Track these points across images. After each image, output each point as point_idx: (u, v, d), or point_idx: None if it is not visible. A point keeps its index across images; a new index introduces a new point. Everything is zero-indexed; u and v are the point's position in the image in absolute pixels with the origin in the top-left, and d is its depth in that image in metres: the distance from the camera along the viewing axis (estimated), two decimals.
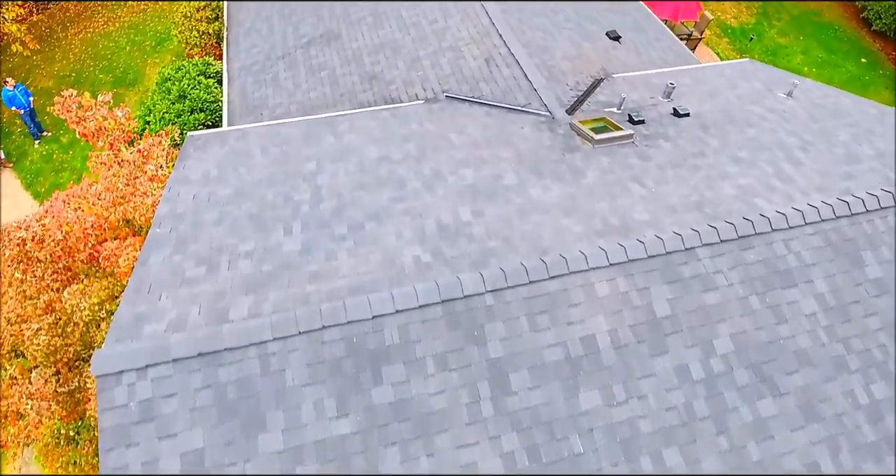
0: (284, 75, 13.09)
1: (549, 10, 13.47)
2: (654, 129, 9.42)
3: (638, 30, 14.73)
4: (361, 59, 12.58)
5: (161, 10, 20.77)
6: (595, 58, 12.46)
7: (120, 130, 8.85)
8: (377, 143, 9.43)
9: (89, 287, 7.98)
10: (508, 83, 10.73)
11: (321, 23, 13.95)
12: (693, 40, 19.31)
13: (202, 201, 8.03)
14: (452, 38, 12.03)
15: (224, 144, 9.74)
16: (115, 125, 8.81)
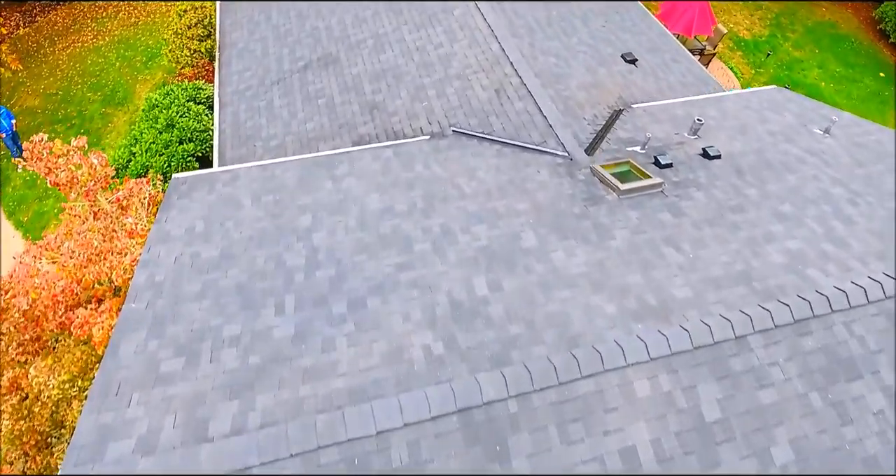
0: (279, 102, 12.13)
1: (562, 32, 12.51)
2: (683, 175, 8.48)
3: (654, 50, 13.78)
4: (362, 86, 11.62)
5: (153, 24, 19.77)
6: (612, 85, 11.51)
7: (95, 179, 7.89)
8: (380, 190, 8.49)
9: (59, 361, 7.04)
10: (521, 118, 9.79)
11: (319, 45, 12.98)
12: (706, 56, 18.36)
13: (184, 266, 7.09)
14: (459, 66, 11.07)
15: (211, 190, 8.80)
16: (89, 175, 7.85)
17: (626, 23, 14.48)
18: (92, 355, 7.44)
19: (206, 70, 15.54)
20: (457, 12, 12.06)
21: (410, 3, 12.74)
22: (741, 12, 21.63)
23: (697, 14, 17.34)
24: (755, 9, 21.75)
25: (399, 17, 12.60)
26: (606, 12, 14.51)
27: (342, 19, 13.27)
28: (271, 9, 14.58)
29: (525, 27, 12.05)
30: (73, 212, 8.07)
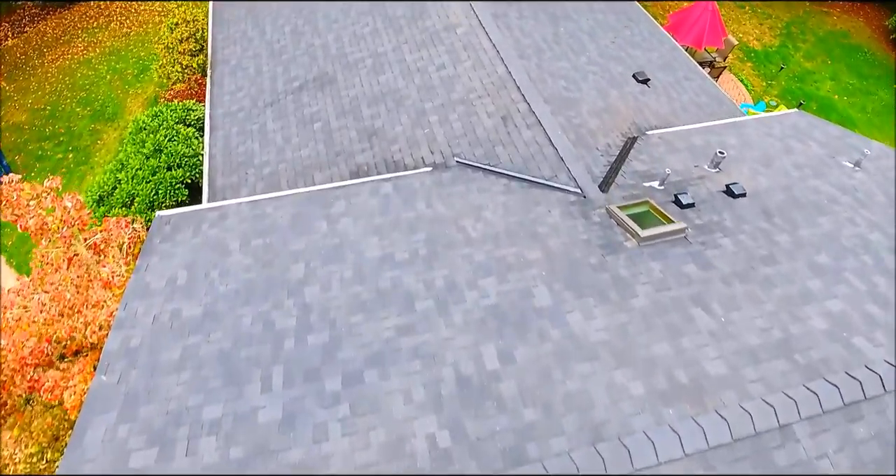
0: (273, 126, 11.41)
1: (570, 51, 11.78)
2: (707, 216, 7.78)
3: (665, 67, 13.05)
4: (359, 110, 10.90)
5: (145, 35, 19.03)
6: (625, 109, 10.79)
7: (68, 224, 7.18)
8: (378, 233, 7.79)
9: (27, 429, 6.34)
10: (530, 149, 9.08)
11: (314, 64, 12.25)
12: (717, 69, 17.62)
13: (163, 327, 6.39)
14: (463, 90, 10.35)
15: (197, 231, 8.10)
16: (62, 220, 7.14)
17: (635, 37, 13.76)
18: (64, 420, 6.75)
19: (198, 85, 14.81)
20: (460, 31, 11.34)
21: (411, 20, 12.02)
22: (750, 21, 20.89)
23: (708, 26, 16.61)
24: (765, 17, 21.02)
25: (399, 35, 11.87)
26: (615, 26, 13.79)
27: (339, 37, 12.54)
28: (265, 24, 13.85)
29: (532, 46, 11.32)
30: (45, 259, 7.36)
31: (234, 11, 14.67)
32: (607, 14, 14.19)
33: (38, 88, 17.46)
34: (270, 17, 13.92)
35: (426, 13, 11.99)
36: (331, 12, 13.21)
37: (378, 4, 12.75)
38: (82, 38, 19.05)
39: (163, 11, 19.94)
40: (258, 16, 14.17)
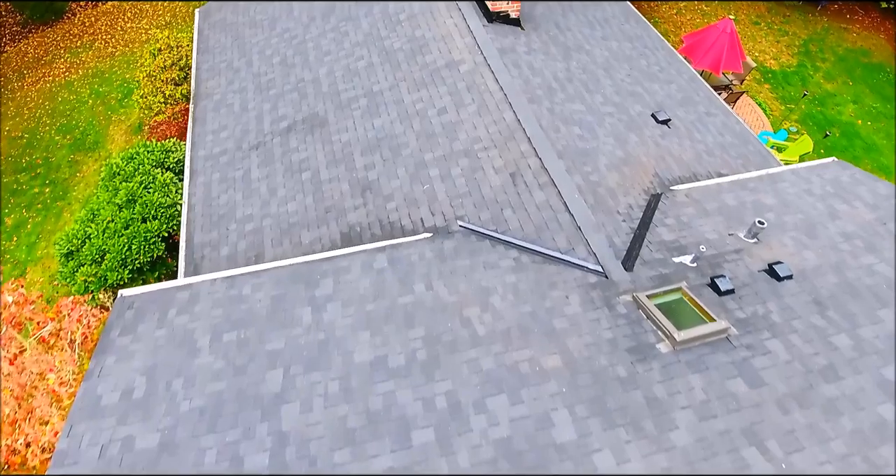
0: (258, 174, 10.26)
1: (584, 88, 10.60)
2: (750, 307, 6.64)
3: (685, 102, 11.88)
4: (352, 158, 9.74)
5: (130, 55, 17.83)
6: (645, 157, 9.63)
7: (9, 322, 6.06)
8: (370, 327, 6.66)
9: None
10: (543, 214, 7.93)
11: (304, 101, 11.08)
12: (734, 94, 16.42)
13: (111, 464, 5.26)
14: (467, 138, 9.19)
15: (163, 320, 6.97)
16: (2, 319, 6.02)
17: (651, 67, 12.58)
18: None
19: (182, 115, 13.65)
20: (463, 68, 10.17)
21: (410, 55, 10.84)
22: (766, 38, 19.67)
23: (726, 49, 15.41)
24: (781, 34, 19.81)
25: (397, 71, 10.70)
26: (631, 56, 12.61)
27: (332, 71, 11.37)
28: (253, 54, 12.67)
29: (543, 86, 10.14)
30: None
31: (221, 38, 13.49)
32: (622, 42, 13.01)
33: (16, 114, 16.29)
34: (258, 47, 12.74)
35: (426, 47, 10.82)
36: (322, 43, 12.03)
37: (374, 36, 11.57)
38: (65, 59, 17.86)
39: (151, 29, 18.75)
40: (245, 44, 12.99)
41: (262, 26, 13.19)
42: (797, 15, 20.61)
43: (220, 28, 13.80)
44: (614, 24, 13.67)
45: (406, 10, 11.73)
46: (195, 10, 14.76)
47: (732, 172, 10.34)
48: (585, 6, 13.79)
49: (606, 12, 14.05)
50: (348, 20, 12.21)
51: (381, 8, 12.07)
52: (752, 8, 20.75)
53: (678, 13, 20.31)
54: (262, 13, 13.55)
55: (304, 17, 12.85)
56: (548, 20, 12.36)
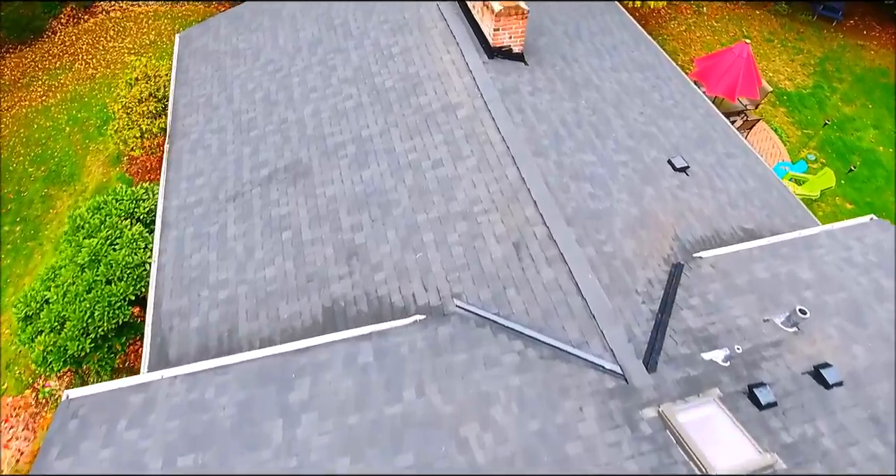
0: (234, 230, 9.17)
1: (594, 133, 9.50)
2: (797, 428, 5.57)
3: (703, 142, 10.79)
4: (338, 217, 8.65)
5: (112, 77, 16.72)
6: (664, 216, 8.55)
7: None
8: (349, 450, 5.60)
9: None
10: (551, 295, 6.85)
11: (287, 146, 9.98)
12: (749, 122, 15.31)
13: None
14: (465, 198, 8.11)
15: (111, 435, 5.91)
16: None
17: (665, 101, 11.46)
18: None
19: (161, 148, 12.55)
20: (461, 113, 9.07)
21: (403, 95, 9.74)
22: (780, 57, 18.53)
23: (742, 74, 14.29)
24: (796, 53, 18.66)
25: (388, 114, 9.60)
26: (642, 89, 11.49)
27: (318, 110, 10.26)
28: (234, 88, 11.55)
29: (549, 134, 9.04)
30: None
31: (201, 69, 12.38)
32: (632, 73, 11.89)
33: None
34: (240, 80, 11.63)
35: (421, 87, 9.71)
36: (308, 78, 10.92)
37: (364, 71, 10.46)
38: (42, 81, 16.75)
39: (134, 48, 17.64)
40: (226, 77, 11.87)
41: (245, 56, 12.08)
42: (811, 31, 19.46)
43: (200, 57, 12.68)
44: (623, 52, 12.55)
45: (399, 44, 10.62)
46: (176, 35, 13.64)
47: (758, 226, 9.27)
48: (593, 33, 12.67)
49: (615, 38, 12.93)
50: (337, 52, 11.10)
51: (372, 40, 10.97)
52: (765, 24, 19.60)
53: (687, 30, 19.17)
54: (245, 41, 12.44)
55: (289, 48, 11.74)
56: (553, 51, 11.24)
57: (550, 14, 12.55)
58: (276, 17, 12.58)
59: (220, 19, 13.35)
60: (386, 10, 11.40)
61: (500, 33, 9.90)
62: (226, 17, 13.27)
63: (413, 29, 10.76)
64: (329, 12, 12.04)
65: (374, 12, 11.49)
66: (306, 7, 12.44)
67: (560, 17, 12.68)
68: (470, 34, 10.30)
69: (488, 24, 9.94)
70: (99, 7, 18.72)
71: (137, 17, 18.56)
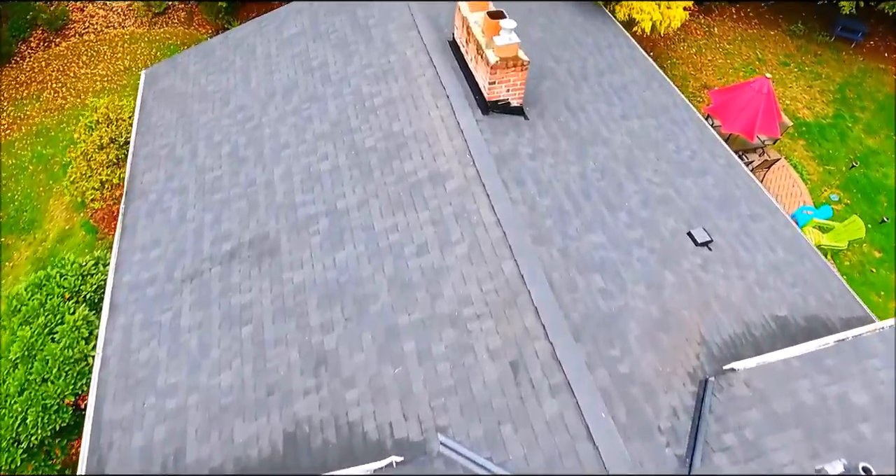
0: (189, 320, 7.82)
1: (604, 204, 8.13)
2: None
3: (725, 202, 9.43)
4: (306, 310, 7.30)
5: (82, 108, 15.30)
6: (687, 312, 7.20)
7: None
8: None
9: None
10: (556, 438, 5.52)
11: (253, 215, 8.61)
12: (767, 162, 13.89)
13: None
14: (454, 296, 6.75)
15: None
16: None
17: (682, 153, 10.09)
18: None
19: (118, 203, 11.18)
20: (450, 185, 7.70)
21: (385, 158, 8.36)
22: (797, 83, 17.09)
23: (762, 111, 12.87)
24: (814, 78, 17.21)
25: (368, 181, 8.23)
26: (656, 140, 10.10)
27: (289, 171, 8.89)
28: (199, 138, 10.17)
29: (553, 211, 7.67)
30: None
31: (166, 114, 10.99)
32: (644, 119, 10.50)
33: None
34: (207, 129, 10.24)
35: (405, 149, 8.33)
36: (281, 130, 9.53)
37: (343, 125, 9.08)
38: (7, 113, 15.36)
39: (107, 75, 16.25)
40: (192, 124, 10.49)
41: (214, 101, 10.68)
42: (830, 54, 18.00)
43: (165, 99, 11.29)
44: (634, 93, 11.15)
45: (383, 94, 9.23)
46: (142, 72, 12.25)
47: (791, 309, 7.95)
48: (600, 72, 11.27)
49: (625, 76, 11.52)
50: (313, 101, 9.71)
51: (353, 87, 9.57)
52: (780, 46, 18.14)
53: (698, 52, 17.71)
54: (215, 83, 11.04)
55: (262, 93, 10.34)
56: (557, 97, 9.84)
57: (553, 50, 11.15)
58: (250, 55, 11.18)
59: (190, 55, 11.96)
60: (369, 52, 10.00)
61: (496, 87, 8.51)
62: (196, 54, 11.87)
63: (399, 76, 9.37)
64: (307, 52, 10.64)
65: (356, 54, 10.09)
66: (283, 44, 11.04)
67: (564, 53, 11.27)
68: (462, 85, 8.91)
69: (483, 75, 8.55)
70: (72, 30, 17.31)
71: (112, 40, 17.16)
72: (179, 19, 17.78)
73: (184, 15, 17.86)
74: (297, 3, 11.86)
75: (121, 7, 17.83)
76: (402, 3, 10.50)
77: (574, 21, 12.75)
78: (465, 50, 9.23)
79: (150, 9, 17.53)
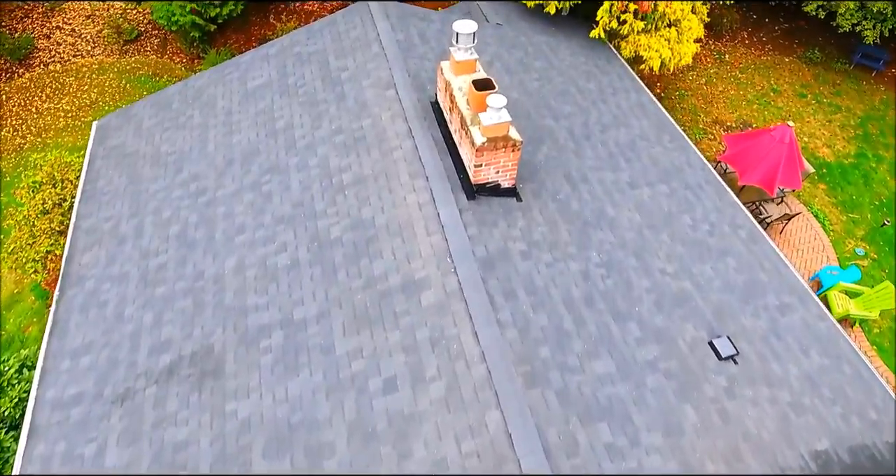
0: (115, 458, 6.42)
1: (612, 313, 6.70)
2: None
3: (751, 290, 8.05)
4: (249, 460, 5.90)
5: (43, 147, 13.91)
6: (712, 463, 5.76)
7: None
8: None
9: None
10: None
11: (198, 320, 7.18)
12: (788, 215, 12.42)
13: None
14: (427, 456, 5.34)
15: None
16: None
17: (699, 228, 8.70)
18: None
19: None
20: (427, 299, 6.27)
21: (352, 256, 6.92)
22: (815, 116, 15.57)
23: (784, 162, 11.43)
24: (833, 111, 15.70)
25: (331, 283, 6.80)
26: (670, 213, 8.66)
27: (242, 264, 7.46)
28: (147, 211, 8.74)
29: (550, 332, 6.23)
30: None
31: (114, 178, 9.56)
32: (655, 186, 9.11)
33: None
34: (156, 201, 8.80)
35: (376, 243, 6.89)
36: (236, 209, 8.10)
37: (305, 208, 7.66)
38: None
39: (71, 111, 14.79)
40: (141, 194, 9.05)
41: (167, 166, 9.23)
42: (849, 84, 16.46)
43: (115, 159, 9.84)
44: (643, 151, 9.70)
45: (353, 169, 7.78)
46: (94, 123, 10.79)
47: (834, 441, 6.53)
48: (605, 127, 9.82)
49: (633, 130, 10.07)
50: (275, 172, 8.27)
51: (320, 158, 8.13)
52: (796, 75, 16.61)
53: (708, 83, 16.19)
54: (169, 142, 9.59)
55: (219, 159, 8.90)
56: (556, 167, 8.40)
57: (552, 102, 9.69)
58: (210, 110, 9.72)
59: (146, 106, 10.50)
60: (340, 114, 8.54)
61: (483, 169, 7.05)
62: (152, 104, 10.41)
63: (372, 147, 7.92)
64: (272, 109, 9.18)
65: (325, 116, 8.63)
66: (247, 98, 9.58)
67: (564, 107, 9.81)
68: (445, 161, 7.47)
69: (468, 154, 7.09)
70: (37, 59, 15.84)
71: (80, 70, 15.69)
72: (152, 47, 16.30)
73: (157, 42, 16.37)
74: (266, 47, 10.39)
75: (90, 34, 16.35)
76: (379, 54, 9.04)
77: (575, 63, 11.27)
78: (448, 118, 7.78)
79: (121, 36, 16.04)
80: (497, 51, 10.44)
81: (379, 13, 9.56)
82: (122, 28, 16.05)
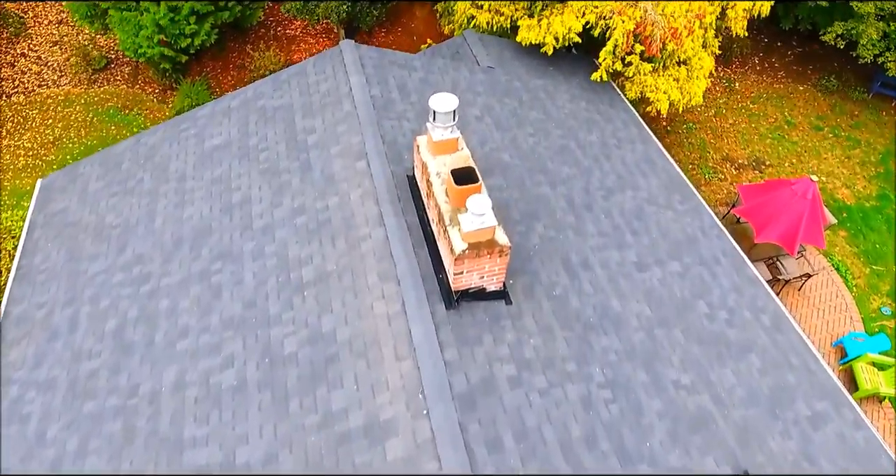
0: None
1: (620, 451, 5.45)
2: None
3: (778, 398, 6.91)
4: None
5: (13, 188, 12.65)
6: None
7: None
8: None
9: None
10: None
11: (126, 454, 5.96)
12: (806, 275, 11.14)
13: None
14: None
15: None
16: None
17: (717, 317, 7.58)
18: None
19: None
20: (393, 451, 5.04)
21: (306, 374, 5.67)
22: (832, 152, 14.27)
23: (806, 219, 10.16)
24: (851, 146, 14.39)
25: (281, 418, 5.57)
26: (684, 301, 7.42)
27: (181, 380, 6.23)
28: (83, 299, 7.50)
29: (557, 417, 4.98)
30: None
31: (52, 254, 8.31)
32: (666, 265, 7.93)
33: None
34: (94, 287, 7.56)
35: (335, 366, 5.66)
36: (180, 304, 6.86)
37: (259, 312, 6.42)
38: None
39: (32, 149, 13.52)
40: (79, 277, 7.80)
41: (110, 242, 7.98)
42: (868, 115, 15.13)
43: (56, 229, 8.59)
44: (651, 218, 8.45)
45: (314, 262, 6.52)
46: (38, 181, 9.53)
47: None
48: (609, 191, 8.54)
49: (640, 192, 8.81)
50: (226, 259, 7.01)
51: (277, 244, 6.87)
52: (811, 105, 15.28)
53: (717, 114, 14.87)
54: (115, 210, 8.34)
55: (167, 236, 7.64)
56: (552, 252, 7.13)
57: (549, 163, 8.44)
58: (162, 173, 8.46)
59: (94, 164, 9.24)
60: (304, 188, 7.28)
61: (464, 276, 5.78)
62: (100, 163, 9.16)
63: (337, 235, 6.65)
64: (229, 177, 7.91)
65: (287, 190, 7.37)
66: (202, 160, 8.32)
67: (563, 168, 8.55)
68: (420, 254, 6.20)
69: (447, 258, 5.82)
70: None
71: (44, 102, 14.41)
72: (123, 76, 14.99)
73: (128, 70, 15.07)
74: (228, 99, 9.12)
75: (57, 62, 15.04)
76: (351, 113, 7.76)
77: (575, 110, 9.97)
78: (426, 202, 6.51)
79: (90, 64, 14.74)
80: (487, 102, 9.14)
81: (352, 64, 8.27)
82: (90, 56, 14.75)
